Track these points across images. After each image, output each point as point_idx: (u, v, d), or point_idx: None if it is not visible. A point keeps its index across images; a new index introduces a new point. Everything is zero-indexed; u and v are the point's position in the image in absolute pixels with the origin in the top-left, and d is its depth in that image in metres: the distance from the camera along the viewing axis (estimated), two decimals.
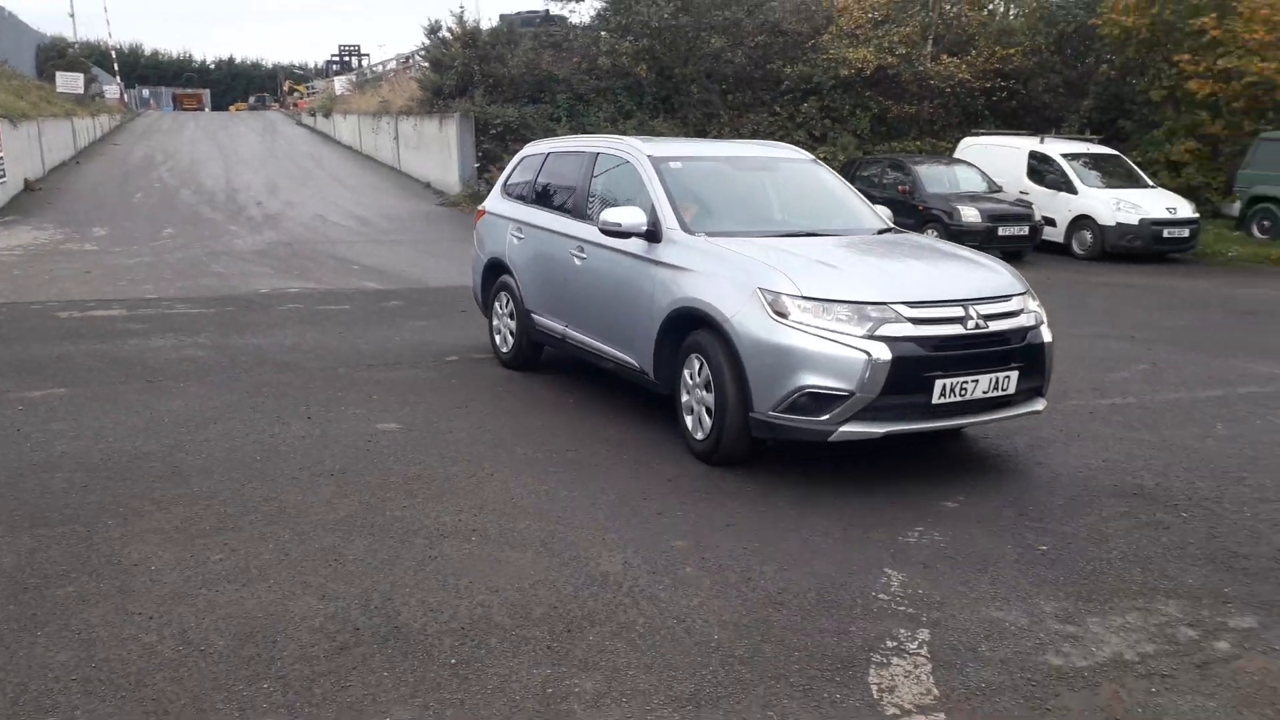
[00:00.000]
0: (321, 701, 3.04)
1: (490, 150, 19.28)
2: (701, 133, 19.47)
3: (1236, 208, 17.44)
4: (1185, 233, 15.57)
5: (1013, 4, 23.08)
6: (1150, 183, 16.78)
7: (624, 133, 18.46)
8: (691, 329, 5.37)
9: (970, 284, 5.19)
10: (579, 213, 6.56)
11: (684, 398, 5.49)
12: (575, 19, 22.23)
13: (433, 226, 17.53)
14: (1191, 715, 3.10)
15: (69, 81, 32.96)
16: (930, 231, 15.12)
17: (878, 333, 4.71)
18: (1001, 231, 14.99)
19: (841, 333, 4.72)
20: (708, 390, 5.24)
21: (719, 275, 5.22)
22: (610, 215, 5.76)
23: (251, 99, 69.19)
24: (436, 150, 21.86)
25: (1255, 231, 16.98)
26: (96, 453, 5.35)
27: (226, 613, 3.57)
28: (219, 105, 67.44)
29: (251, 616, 3.55)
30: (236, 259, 13.32)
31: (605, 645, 3.41)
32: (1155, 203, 15.70)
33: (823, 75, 19.74)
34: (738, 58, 19.41)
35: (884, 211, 6.67)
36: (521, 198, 7.41)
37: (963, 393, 4.86)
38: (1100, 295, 12.60)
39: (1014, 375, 5.03)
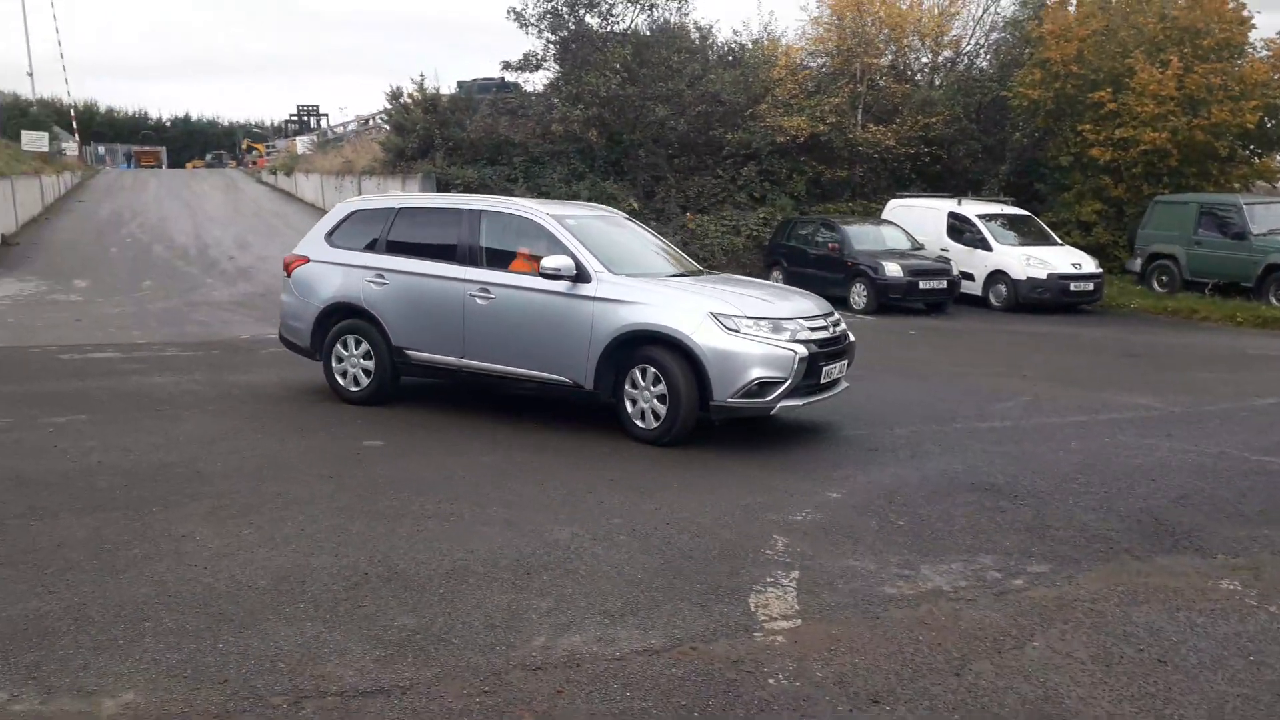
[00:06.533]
0: (345, 615, 4.12)
1: None
2: (650, 194, 20.87)
3: (1138, 264, 19.18)
4: (1090, 286, 17.23)
5: (934, 76, 25.00)
6: (1058, 241, 18.52)
7: (576, 195, 19.74)
8: (639, 346, 7.12)
9: (819, 305, 7.77)
10: (472, 260, 7.85)
11: (633, 400, 7.22)
12: (529, 87, 23.67)
13: None
14: (983, 620, 4.30)
15: (34, 140, 33.91)
16: (858, 285, 16.65)
17: (796, 339, 7.04)
18: (922, 285, 16.48)
19: (774, 340, 6.95)
20: (657, 391, 7.07)
21: (670, 305, 7.11)
22: (549, 262, 7.32)
23: (209, 156, 70.05)
24: None
25: (1155, 285, 18.72)
26: (127, 462, 6.37)
27: (263, 566, 4.64)
28: (176, 163, 68.09)
29: (282, 568, 4.62)
30: (216, 308, 14.33)
31: (555, 582, 4.53)
32: (1062, 259, 17.37)
33: (761, 141, 21.31)
34: (681, 125, 20.90)
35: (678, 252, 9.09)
36: (369, 248, 8.34)
37: (829, 375, 7.38)
38: (1006, 341, 14.06)
39: (845, 363, 7.71)
